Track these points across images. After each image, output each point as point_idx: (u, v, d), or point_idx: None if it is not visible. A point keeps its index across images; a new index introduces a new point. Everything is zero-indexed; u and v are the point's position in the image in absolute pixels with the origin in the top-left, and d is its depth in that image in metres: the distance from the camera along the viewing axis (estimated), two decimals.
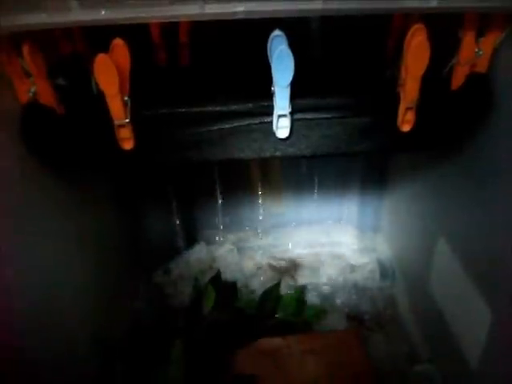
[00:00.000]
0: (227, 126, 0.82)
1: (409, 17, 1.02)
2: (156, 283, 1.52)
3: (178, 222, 1.58)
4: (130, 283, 1.43)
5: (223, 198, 1.63)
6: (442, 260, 1.15)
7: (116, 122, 0.77)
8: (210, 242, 1.67)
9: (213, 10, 0.65)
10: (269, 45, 0.76)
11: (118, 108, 0.76)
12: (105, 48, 0.73)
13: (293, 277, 1.56)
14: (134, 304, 1.39)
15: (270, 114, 0.81)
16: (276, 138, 0.83)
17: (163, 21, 0.67)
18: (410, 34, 0.76)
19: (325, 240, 1.68)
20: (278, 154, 0.87)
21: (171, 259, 1.59)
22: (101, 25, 0.66)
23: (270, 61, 0.75)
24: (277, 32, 0.75)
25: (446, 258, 1.13)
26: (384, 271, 1.55)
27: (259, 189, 1.63)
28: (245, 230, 1.70)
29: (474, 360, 1.00)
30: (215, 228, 1.68)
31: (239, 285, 1.46)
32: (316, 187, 1.63)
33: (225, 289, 1.38)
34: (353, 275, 1.56)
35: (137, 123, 0.79)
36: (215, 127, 0.82)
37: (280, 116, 0.79)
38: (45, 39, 0.88)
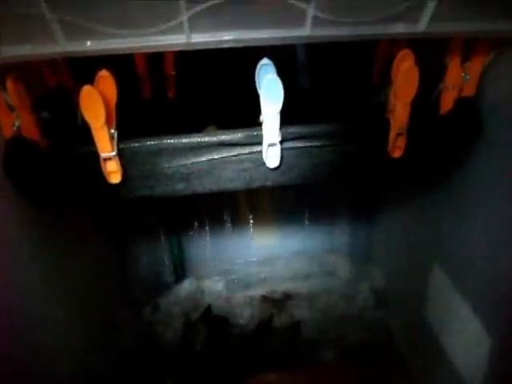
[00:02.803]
0: (216, 156, 0.80)
1: (394, 42, 1.02)
2: (145, 319, 1.47)
3: (166, 256, 1.56)
4: (119, 320, 1.39)
5: (212, 230, 1.60)
6: (437, 286, 1.14)
7: (102, 156, 0.75)
8: (199, 275, 1.64)
9: (200, 39, 0.64)
10: (257, 74, 0.75)
11: (104, 141, 0.74)
12: (90, 80, 0.71)
13: (285, 309, 1.53)
14: (122, 342, 1.34)
15: (260, 143, 0.79)
16: (266, 167, 0.82)
17: (149, 51, 0.65)
18: (397, 59, 0.76)
19: (317, 270, 1.65)
20: (268, 183, 0.86)
21: (160, 294, 1.56)
22: (87, 55, 0.65)
23: (259, 90, 0.74)
24: (265, 61, 0.74)
25: (440, 284, 1.11)
26: (377, 300, 1.53)
27: (249, 220, 1.61)
28: (235, 263, 1.67)
29: None
30: (205, 261, 1.65)
31: (231, 319, 1.42)
32: (306, 217, 1.61)
33: (216, 324, 1.35)
34: (346, 305, 1.53)
35: (124, 156, 0.77)
36: (204, 158, 0.80)
37: (270, 145, 0.78)
38: (29, 72, 0.87)
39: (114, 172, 0.79)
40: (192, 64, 1.09)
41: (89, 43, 0.62)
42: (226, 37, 0.64)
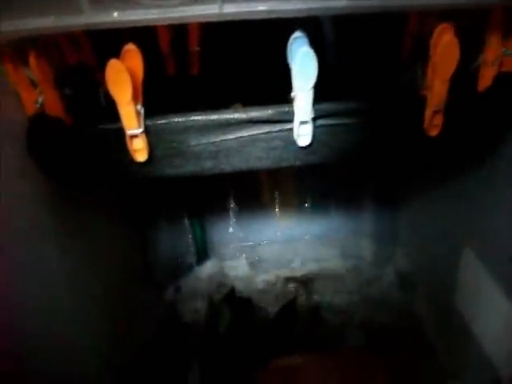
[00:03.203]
0: (245, 134, 0.77)
1: (425, 16, 0.98)
2: (167, 302, 1.46)
3: (188, 237, 1.54)
4: (142, 302, 1.38)
5: (235, 212, 1.59)
6: (468, 270, 1.10)
7: (128, 133, 0.73)
8: (221, 257, 1.62)
9: (232, 10, 0.61)
10: (289, 47, 0.72)
11: (130, 117, 0.71)
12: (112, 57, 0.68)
13: (309, 291, 1.51)
14: (145, 325, 1.33)
15: (291, 120, 0.76)
16: (296, 146, 0.78)
17: (179, 22, 0.62)
18: (436, 33, 0.72)
19: (340, 252, 1.62)
20: (298, 162, 0.83)
21: (182, 276, 1.54)
22: (113, 27, 0.62)
23: (291, 64, 0.71)
24: (298, 33, 0.71)
25: (471, 267, 1.08)
26: (403, 284, 1.50)
27: (273, 201, 1.59)
28: (258, 245, 1.65)
29: (504, 372, 0.95)
30: (227, 243, 1.63)
31: (254, 301, 1.40)
32: (331, 199, 1.57)
33: (240, 306, 1.33)
34: (370, 289, 1.50)
35: (150, 133, 0.75)
36: (232, 136, 0.77)
37: (301, 123, 0.75)
38: (50, 49, 0.84)
39: (140, 150, 0.76)
40: (217, 39, 1.05)
41: (115, 14, 0.59)
42: (260, 7, 0.61)
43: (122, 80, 0.67)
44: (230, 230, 1.60)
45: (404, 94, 0.80)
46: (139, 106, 0.72)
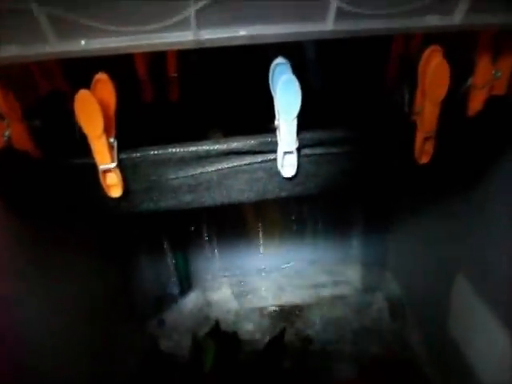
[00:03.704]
0: (226, 166, 0.73)
1: (411, 37, 0.96)
2: (151, 335, 1.40)
3: (171, 267, 1.48)
4: (124, 336, 1.32)
5: (219, 242, 1.53)
6: (461, 297, 1.07)
7: (101, 168, 0.68)
8: (206, 288, 1.57)
9: (209, 36, 0.57)
10: (271, 74, 0.68)
11: (103, 151, 0.67)
12: (87, 85, 0.64)
13: (297, 321, 1.46)
14: (128, 359, 1.27)
15: (274, 150, 0.72)
16: (281, 177, 0.74)
17: (152, 50, 0.57)
18: (425, 56, 0.69)
19: (328, 279, 1.57)
20: (283, 194, 0.78)
21: (165, 308, 1.48)
22: (81, 56, 0.57)
23: (273, 91, 0.67)
24: (280, 60, 0.67)
25: (465, 294, 1.05)
26: (394, 311, 1.46)
27: (258, 228, 1.54)
28: (243, 273, 1.59)
29: None
30: (211, 272, 1.57)
31: (240, 334, 1.34)
32: (318, 225, 1.53)
33: (225, 341, 1.27)
34: (360, 317, 1.45)
35: (125, 167, 0.70)
36: (213, 168, 0.73)
37: (285, 153, 0.70)
38: (20, 77, 0.80)
39: (114, 185, 0.71)
40: (196, 64, 1.02)
41: (83, 42, 0.55)
42: (240, 32, 0.56)
43: (93, 112, 0.62)
44: (214, 260, 1.54)
45: (393, 121, 0.76)
46: (112, 139, 0.68)
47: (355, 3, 0.55)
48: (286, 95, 0.64)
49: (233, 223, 1.52)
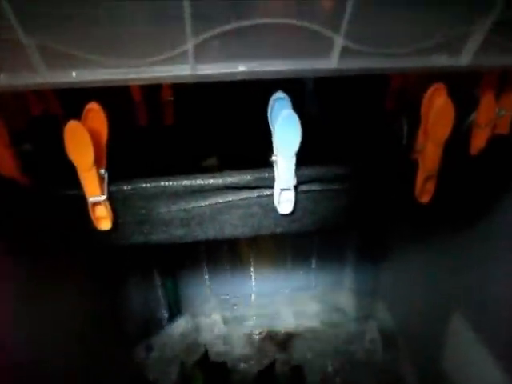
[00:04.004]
0: (220, 200, 0.70)
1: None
2: (137, 361, 1.36)
3: (159, 291, 1.45)
4: (111, 362, 1.28)
5: (209, 264, 1.49)
6: (456, 333, 1.04)
7: (90, 200, 0.65)
8: (195, 312, 1.53)
9: (207, 71, 0.54)
10: (270, 108, 0.65)
11: (92, 183, 0.64)
12: (81, 107, 0.61)
13: (288, 350, 1.43)
14: None
15: (271, 186, 0.69)
16: (277, 213, 0.71)
17: (147, 83, 0.55)
18: (428, 94, 0.66)
19: (320, 307, 1.55)
20: (278, 230, 0.76)
21: (154, 334, 1.45)
22: (72, 87, 0.55)
23: (272, 126, 0.64)
24: (279, 94, 0.64)
25: (460, 331, 1.02)
26: (386, 341, 1.43)
27: (249, 253, 1.51)
28: (233, 299, 1.56)
29: None
30: (201, 297, 1.54)
31: (229, 363, 1.31)
32: (310, 252, 1.50)
33: (214, 371, 1.23)
34: (352, 346, 1.42)
35: (115, 200, 0.67)
36: (207, 202, 0.70)
37: (283, 189, 0.68)
38: (11, 97, 0.77)
39: (103, 218, 0.68)
40: (192, 89, 0.99)
41: (74, 74, 0.52)
42: (240, 68, 0.54)
43: (83, 144, 0.60)
44: (204, 284, 1.51)
45: (393, 159, 0.74)
46: (102, 171, 0.65)
47: (361, 41, 0.53)
48: (286, 132, 0.62)
49: (224, 248, 1.49)
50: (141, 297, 1.43)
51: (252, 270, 1.53)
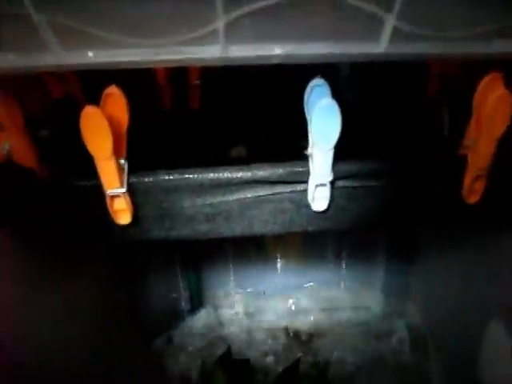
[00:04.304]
0: (249, 195, 0.64)
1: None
2: (156, 354, 1.32)
3: (181, 283, 1.40)
4: (128, 354, 1.23)
5: (233, 255, 1.44)
6: (496, 345, 0.97)
7: (108, 192, 0.60)
8: (218, 304, 1.48)
9: (239, 53, 0.48)
10: (306, 96, 0.59)
11: (111, 175, 0.59)
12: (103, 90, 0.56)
13: (313, 348, 1.37)
14: (131, 379, 1.19)
15: (305, 181, 0.63)
16: (310, 210, 0.65)
17: (172, 66, 0.49)
18: (483, 85, 0.60)
19: (347, 304, 1.48)
20: (310, 228, 0.70)
21: (175, 325, 1.40)
22: (89, 69, 0.49)
23: (308, 116, 0.58)
24: (317, 80, 0.58)
25: (500, 341, 0.95)
26: (415, 342, 1.36)
27: (274, 247, 1.45)
28: (258, 292, 1.50)
29: None
30: (224, 289, 1.48)
31: (252, 360, 1.26)
32: (338, 246, 1.43)
33: (236, 369, 1.19)
34: (380, 345, 1.36)
35: (135, 192, 0.62)
36: (234, 197, 0.64)
37: (318, 185, 0.62)
38: (30, 79, 0.72)
39: (122, 211, 0.63)
40: (220, 72, 0.93)
41: (91, 54, 0.46)
42: (275, 51, 0.48)
43: (101, 132, 0.54)
44: (228, 276, 1.46)
45: (438, 154, 0.67)
46: (122, 161, 0.60)
47: (415, 22, 0.46)
48: (324, 122, 0.56)
49: (249, 238, 1.40)
50: (161, 288, 1.39)
51: (278, 263, 1.47)
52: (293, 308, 1.49)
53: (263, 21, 0.46)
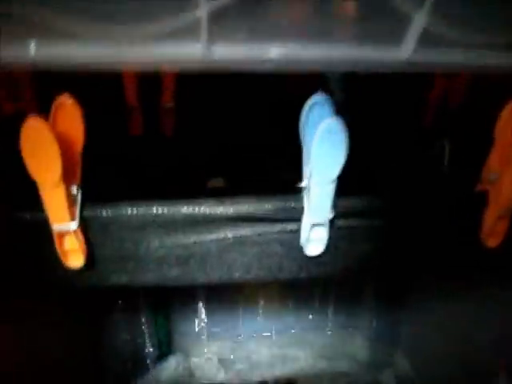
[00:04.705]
0: (230, 235, 0.53)
1: (455, 79, 0.79)
2: None
3: (149, 326, 1.25)
4: None
5: (207, 296, 1.30)
6: None
7: (56, 228, 0.47)
8: (189, 351, 1.32)
9: (225, 54, 0.37)
10: (304, 116, 0.48)
11: (59, 206, 0.46)
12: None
13: None
14: None
15: (297, 219, 0.52)
16: (302, 253, 0.54)
17: (137, 68, 0.38)
18: (506, 113, 0.50)
19: (330, 352, 1.35)
20: (302, 275, 0.59)
21: (140, 375, 1.25)
22: (32, 69, 0.38)
23: (304, 139, 0.48)
24: (318, 97, 0.47)
25: None
26: None
27: (254, 287, 1.32)
28: (234, 338, 1.35)
29: None
30: (195, 336, 1.33)
31: None
32: (324, 290, 1.32)
33: None
34: None
35: (91, 228, 0.50)
36: (212, 236, 0.53)
37: (314, 225, 0.51)
38: None
39: (73, 251, 0.51)
40: (196, 92, 0.83)
41: (32, 47, 0.35)
42: (270, 53, 0.37)
43: (47, 150, 0.43)
44: (200, 319, 1.32)
45: (459, 190, 0.57)
46: (75, 189, 0.48)
47: (450, 24, 0.36)
48: (327, 149, 0.45)
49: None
50: (126, 331, 1.24)
51: (258, 305, 1.35)
52: (272, 355, 1.34)
53: (257, 14, 0.36)
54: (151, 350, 1.27)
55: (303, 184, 0.50)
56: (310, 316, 1.34)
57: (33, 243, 0.51)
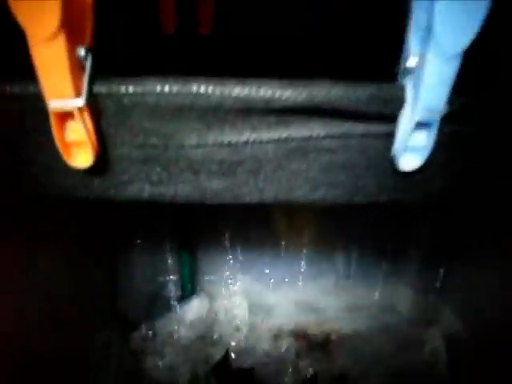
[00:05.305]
0: (295, 134, 0.39)
1: None
2: (134, 352, 1.09)
3: (172, 263, 1.17)
4: (100, 349, 1.01)
5: (236, 236, 1.19)
6: None
7: (53, 106, 0.33)
8: (213, 294, 1.23)
9: None
10: None
11: (57, 71, 0.32)
12: None
13: (328, 356, 1.14)
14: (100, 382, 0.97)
15: (390, 116, 0.38)
16: (392, 168, 0.40)
17: None
18: None
19: (370, 304, 1.25)
20: (383, 198, 0.45)
21: (160, 316, 1.16)
22: None
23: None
24: None
25: None
26: (453, 355, 1.12)
27: (286, 226, 1.21)
28: (263, 282, 1.25)
29: None
30: (222, 276, 1.24)
31: (256, 371, 1.05)
32: (364, 232, 1.18)
33: (236, 379, 0.95)
34: (409, 356, 1.13)
35: (104, 112, 0.36)
36: (270, 136, 0.38)
37: (419, 125, 0.36)
38: None
39: (79, 144, 0.36)
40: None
41: None
42: None
43: None
44: (227, 260, 1.22)
45: None
46: (82, 51, 0.33)
47: None
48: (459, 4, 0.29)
49: (256, 217, 1.18)
50: (146, 267, 1.16)
51: (289, 247, 1.22)
52: (305, 304, 1.26)
53: None
54: (174, 289, 1.20)
55: (410, 63, 0.34)
56: (348, 262, 1.23)
57: (20, 131, 0.36)
